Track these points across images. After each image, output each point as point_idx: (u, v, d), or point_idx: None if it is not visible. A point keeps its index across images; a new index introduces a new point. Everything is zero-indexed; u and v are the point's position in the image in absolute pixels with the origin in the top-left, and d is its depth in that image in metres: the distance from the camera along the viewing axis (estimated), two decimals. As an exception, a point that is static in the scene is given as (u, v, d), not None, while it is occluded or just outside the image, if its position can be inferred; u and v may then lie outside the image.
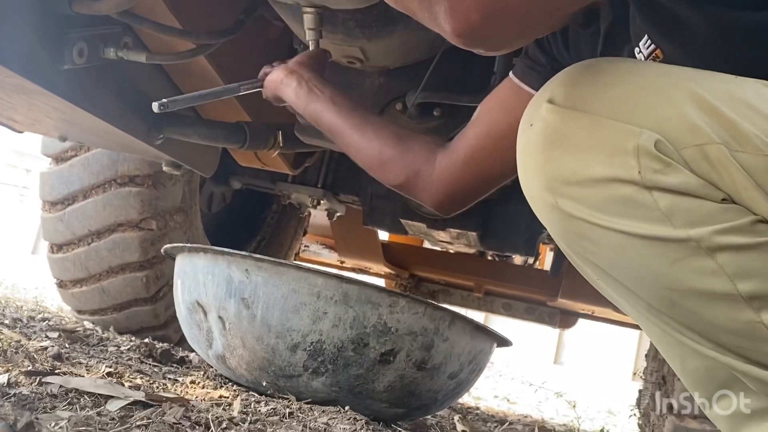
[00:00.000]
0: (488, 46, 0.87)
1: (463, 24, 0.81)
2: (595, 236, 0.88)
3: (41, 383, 1.37)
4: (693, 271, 0.83)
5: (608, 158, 0.84)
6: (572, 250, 0.94)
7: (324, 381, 1.79)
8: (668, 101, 0.85)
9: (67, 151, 2.71)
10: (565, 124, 0.88)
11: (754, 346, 0.84)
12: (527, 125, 0.93)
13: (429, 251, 4.87)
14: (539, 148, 0.90)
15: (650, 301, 0.89)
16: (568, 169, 0.87)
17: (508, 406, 5.23)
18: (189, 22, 1.89)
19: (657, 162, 0.83)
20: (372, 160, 1.51)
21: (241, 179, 3.31)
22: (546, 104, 0.90)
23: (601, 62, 0.94)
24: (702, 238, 0.82)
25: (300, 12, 1.68)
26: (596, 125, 0.86)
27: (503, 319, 5.24)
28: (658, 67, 0.91)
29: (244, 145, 2.18)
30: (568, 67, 0.94)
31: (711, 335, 0.87)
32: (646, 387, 2.67)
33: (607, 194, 0.85)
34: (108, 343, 2.33)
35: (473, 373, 2.02)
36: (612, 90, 0.88)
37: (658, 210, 0.83)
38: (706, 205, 0.82)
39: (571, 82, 0.91)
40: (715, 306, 0.84)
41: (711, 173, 0.82)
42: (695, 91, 0.84)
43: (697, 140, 0.82)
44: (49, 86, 1.66)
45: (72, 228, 2.71)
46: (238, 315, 1.80)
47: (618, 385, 8.67)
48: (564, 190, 0.88)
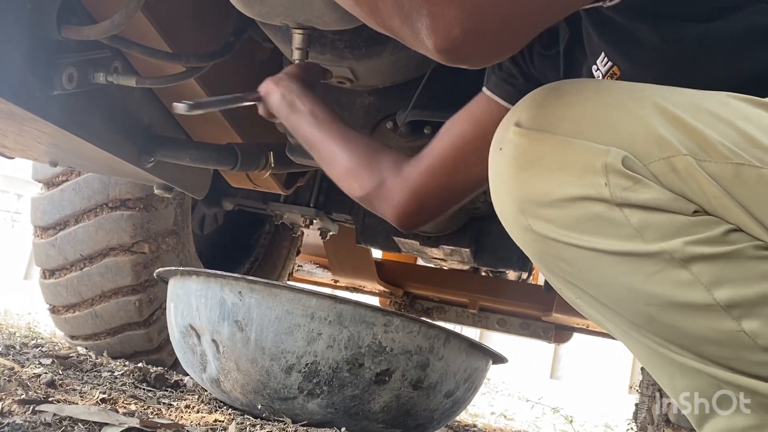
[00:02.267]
0: (471, 61, 0.87)
1: (445, 40, 0.82)
2: (569, 256, 0.88)
3: (35, 412, 1.35)
4: (669, 283, 0.83)
5: (577, 178, 0.85)
6: (549, 270, 0.95)
7: (319, 403, 1.78)
8: (633, 116, 0.85)
9: (58, 176, 2.70)
10: (534, 147, 0.89)
11: (737, 355, 0.84)
12: (497, 149, 0.94)
13: (423, 268, 4.86)
14: (510, 171, 0.91)
15: (630, 317, 0.89)
16: (539, 191, 0.88)
17: (505, 422, 5.22)
18: (178, 46, 1.90)
19: (625, 179, 0.83)
20: (340, 170, 1.49)
21: (233, 200, 3.30)
22: (513, 127, 0.91)
23: (565, 84, 0.94)
24: (675, 250, 0.82)
25: (289, 33, 1.69)
26: (564, 145, 0.87)
27: (498, 335, 5.24)
28: (622, 85, 0.92)
29: (236, 166, 2.18)
30: (534, 91, 0.95)
31: (693, 347, 0.86)
32: (642, 400, 2.66)
33: (579, 213, 0.85)
34: (102, 368, 2.32)
35: (469, 391, 2.01)
36: (577, 110, 0.89)
37: (629, 226, 0.83)
38: (677, 219, 0.83)
39: (536, 104, 0.92)
40: (695, 317, 0.84)
41: (680, 185, 0.83)
42: (660, 104, 0.85)
43: (664, 153, 0.83)
44: (39, 112, 1.66)
45: (64, 253, 2.69)
46: (231, 338, 1.79)
47: (615, 399, 8.65)
48: (536, 211, 0.89)
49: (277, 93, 1.55)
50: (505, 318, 4.58)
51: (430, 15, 0.81)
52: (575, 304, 1.00)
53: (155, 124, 2.15)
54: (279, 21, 1.62)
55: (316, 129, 1.49)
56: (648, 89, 0.89)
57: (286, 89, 1.54)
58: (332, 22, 1.59)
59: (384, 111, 2.20)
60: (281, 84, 1.55)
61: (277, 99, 1.54)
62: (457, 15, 0.80)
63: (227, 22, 2.04)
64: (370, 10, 0.91)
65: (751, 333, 0.82)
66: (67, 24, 1.65)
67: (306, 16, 1.58)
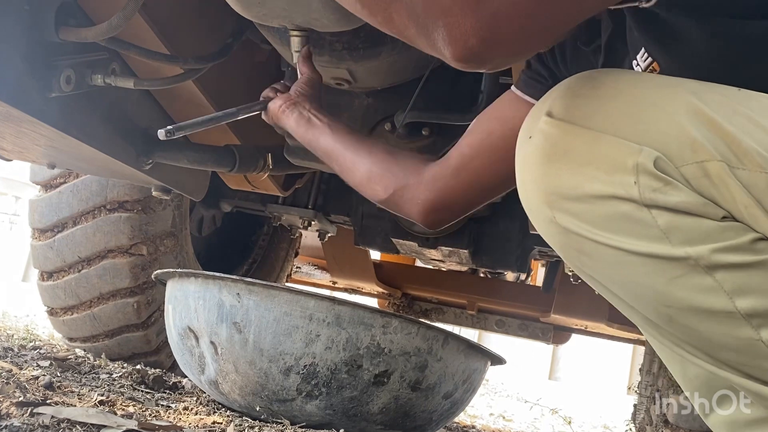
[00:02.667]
0: (489, 66, 0.86)
1: (462, 49, 0.81)
2: (592, 251, 0.88)
3: (33, 414, 1.35)
4: (691, 288, 0.83)
5: (607, 175, 0.84)
6: (570, 263, 0.94)
7: (318, 404, 1.78)
8: (668, 116, 0.84)
9: (56, 178, 2.70)
10: (564, 139, 0.88)
11: (753, 363, 0.84)
12: (526, 138, 0.93)
13: (421, 270, 4.86)
14: (538, 162, 0.90)
15: (648, 316, 0.89)
16: (567, 184, 0.87)
17: (504, 423, 5.22)
18: (176, 47, 1.90)
19: (656, 180, 0.82)
20: (362, 176, 1.51)
21: (231, 202, 3.30)
22: (545, 117, 0.90)
23: (600, 74, 0.93)
24: (701, 257, 0.81)
25: (287, 35, 1.69)
26: (595, 141, 0.86)
27: (497, 336, 5.24)
28: (658, 79, 0.90)
29: (234, 168, 2.18)
30: (567, 79, 0.94)
31: (709, 351, 0.86)
32: (640, 401, 2.66)
33: (606, 211, 0.85)
34: (100, 370, 2.31)
35: (468, 392, 2.01)
36: (611, 104, 0.87)
37: (656, 228, 0.83)
38: (705, 223, 0.82)
39: (570, 94, 0.91)
40: (714, 323, 0.83)
41: (711, 190, 0.82)
42: (696, 105, 0.84)
43: (697, 157, 0.82)
44: (37, 114, 1.66)
45: (62, 255, 2.69)
46: (230, 340, 1.79)
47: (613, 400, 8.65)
48: (562, 204, 0.88)
49: (293, 112, 1.58)
50: (503, 319, 4.58)
51: (446, 26, 0.81)
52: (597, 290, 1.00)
53: (153, 125, 2.15)
54: (277, 23, 1.62)
55: (334, 141, 1.52)
56: (684, 85, 0.87)
57: (302, 107, 1.57)
58: (330, 24, 1.59)
59: (382, 112, 2.20)
60: (296, 105, 1.58)
61: (294, 119, 1.57)
62: (473, 25, 0.79)
63: (225, 24, 2.04)
64: (384, 20, 0.91)
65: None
66: (64, 26, 1.65)
67: (304, 18, 1.58)
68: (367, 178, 1.50)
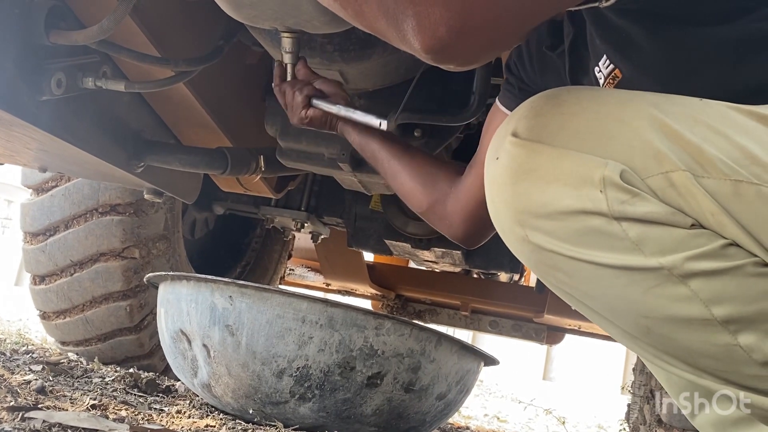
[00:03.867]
0: (458, 60, 0.86)
1: (432, 39, 0.81)
2: (566, 268, 0.88)
3: (24, 419, 1.35)
4: (667, 298, 0.83)
5: (575, 190, 0.85)
6: (546, 281, 0.95)
7: (311, 407, 1.78)
8: (631, 129, 0.85)
9: (48, 181, 2.69)
10: (531, 157, 0.88)
11: (732, 368, 0.85)
12: (493, 159, 0.93)
13: (414, 271, 4.86)
14: (506, 182, 0.90)
15: (626, 328, 0.90)
16: (537, 202, 0.87)
17: (498, 424, 5.22)
18: (167, 50, 1.89)
19: (623, 192, 0.83)
20: (401, 187, 1.54)
21: (223, 204, 3.30)
22: (510, 137, 0.90)
23: (562, 92, 0.94)
24: (674, 266, 0.82)
25: (278, 37, 1.68)
26: (561, 157, 0.86)
27: (491, 337, 5.24)
28: (619, 94, 0.91)
29: (226, 170, 2.17)
30: (530, 99, 0.95)
31: (688, 359, 0.87)
32: (634, 401, 2.67)
33: (577, 226, 0.85)
34: (93, 374, 2.31)
35: (461, 393, 2.01)
36: (575, 121, 0.88)
37: (627, 240, 0.83)
38: (675, 232, 0.82)
39: (533, 114, 0.91)
40: (691, 331, 0.84)
41: (678, 200, 0.82)
42: (657, 117, 0.84)
43: (662, 168, 0.83)
44: (28, 118, 1.65)
45: (54, 259, 2.68)
46: (222, 342, 1.79)
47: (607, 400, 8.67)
48: (533, 222, 0.88)
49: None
50: (497, 320, 4.58)
51: (415, 15, 0.81)
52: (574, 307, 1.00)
53: (145, 128, 2.14)
54: (268, 25, 1.62)
55: (381, 146, 1.55)
56: (644, 98, 0.88)
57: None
58: (321, 25, 1.59)
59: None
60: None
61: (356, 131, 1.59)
62: (443, 14, 0.80)
63: (216, 26, 2.04)
64: (355, 13, 0.91)
65: (747, 347, 0.82)
66: (55, 29, 1.64)
67: (295, 20, 1.58)
68: (405, 191, 1.53)
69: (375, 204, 3.21)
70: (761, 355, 0.82)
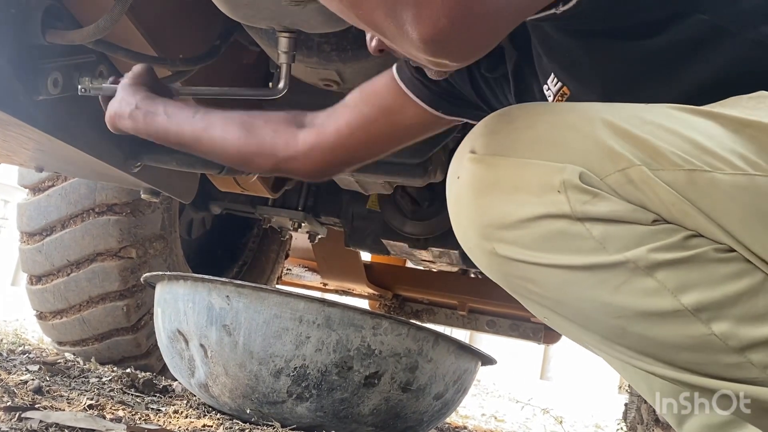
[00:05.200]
0: (456, 53, 0.86)
1: (432, 29, 0.81)
2: (535, 276, 0.89)
3: (21, 419, 1.34)
4: (636, 293, 0.84)
5: (536, 197, 0.85)
6: (516, 293, 0.95)
7: (308, 406, 1.78)
8: (583, 134, 0.86)
9: (44, 181, 2.69)
10: (490, 171, 0.89)
11: (711, 359, 0.84)
12: (454, 178, 0.94)
13: (412, 271, 4.86)
14: (469, 198, 0.91)
15: (601, 333, 0.90)
16: (500, 214, 0.88)
17: (495, 424, 5.22)
18: (164, 49, 1.89)
19: (584, 194, 0.84)
20: (235, 158, 1.47)
21: (220, 204, 3.29)
22: (469, 155, 0.91)
23: (513, 109, 0.95)
24: (638, 258, 0.83)
25: (275, 36, 1.68)
26: (520, 167, 0.87)
27: (488, 337, 5.24)
28: (567, 106, 0.93)
29: (223, 170, 2.17)
30: (484, 119, 0.96)
31: (666, 357, 0.87)
32: (631, 400, 2.67)
33: (541, 231, 0.86)
34: (90, 374, 2.30)
35: (459, 392, 2.01)
36: (529, 132, 0.89)
37: (592, 239, 0.84)
38: (637, 229, 0.83)
39: (488, 131, 0.92)
40: (665, 325, 0.84)
41: (638, 195, 0.83)
42: (608, 119, 0.86)
43: (618, 166, 0.84)
44: (24, 117, 1.65)
45: (51, 259, 2.68)
46: (219, 342, 1.79)
47: (604, 399, 8.68)
48: (498, 234, 0.89)
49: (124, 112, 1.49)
50: (494, 319, 4.58)
51: (416, 5, 0.80)
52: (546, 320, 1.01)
53: (141, 128, 2.14)
54: (265, 24, 1.62)
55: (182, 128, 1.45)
56: (592, 107, 0.90)
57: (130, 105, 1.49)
58: (318, 25, 1.59)
59: None
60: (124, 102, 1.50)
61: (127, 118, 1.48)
62: (444, 3, 0.79)
63: (213, 26, 2.04)
64: (351, 4, 0.90)
65: (722, 335, 0.82)
66: (51, 28, 1.64)
67: (292, 19, 1.58)
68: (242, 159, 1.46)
69: (372, 203, 3.21)
70: (737, 341, 0.82)
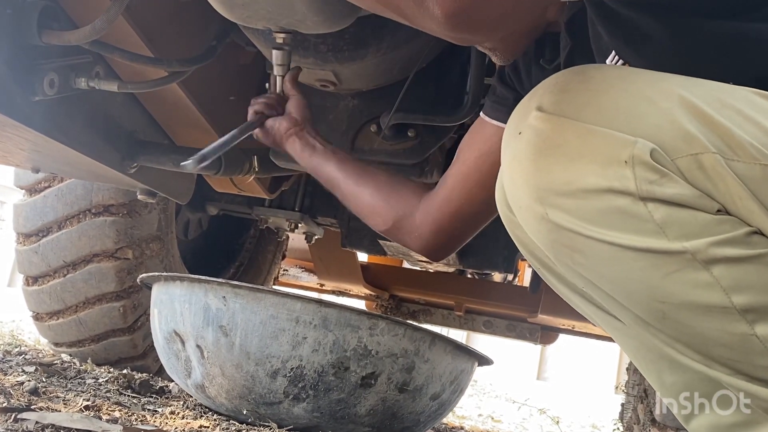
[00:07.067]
0: (476, 29, 0.85)
1: (454, 4, 0.80)
2: (585, 248, 0.86)
3: (17, 420, 1.34)
4: (687, 283, 0.82)
5: (602, 168, 0.82)
6: (560, 261, 0.92)
7: (305, 407, 1.77)
8: (659, 109, 0.83)
9: (41, 182, 2.68)
10: (557, 133, 0.86)
11: (746, 359, 0.83)
12: (515, 134, 0.91)
13: (408, 271, 4.86)
14: (529, 157, 0.88)
15: (640, 313, 0.88)
16: (560, 179, 0.85)
17: (492, 424, 5.22)
18: (160, 50, 1.89)
19: (653, 172, 0.81)
20: (363, 206, 1.56)
21: (217, 205, 3.29)
22: (535, 112, 0.88)
23: (588, 69, 0.92)
24: (698, 251, 0.80)
25: (271, 37, 1.68)
26: (589, 134, 0.84)
27: (485, 337, 5.24)
28: (646, 74, 0.89)
29: (220, 170, 2.17)
30: (554, 75, 0.92)
31: (701, 348, 0.86)
32: (628, 400, 2.67)
33: (601, 205, 0.83)
34: (86, 375, 2.30)
35: (455, 393, 2.01)
36: (603, 97, 0.86)
37: (652, 222, 0.81)
38: (701, 216, 0.81)
39: (560, 89, 0.89)
40: (709, 319, 0.83)
41: (706, 183, 0.81)
42: (687, 99, 0.83)
43: (691, 149, 0.81)
44: (20, 118, 1.65)
45: (47, 260, 2.67)
46: (216, 343, 1.79)
47: (601, 400, 8.69)
48: (555, 200, 0.86)
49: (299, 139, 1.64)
50: (491, 320, 4.59)
51: None
52: (569, 299, 0.99)
53: (138, 129, 2.14)
54: (261, 24, 1.62)
55: (338, 169, 1.59)
56: (671, 80, 0.86)
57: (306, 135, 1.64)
58: (315, 25, 1.59)
59: (368, 114, 2.20)
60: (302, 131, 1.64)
61: (299, 144, 1.63)
62: None
63: (210, 26, 2.04)
64: None
65: (763, 338, 0.81)
66: (47, 29, 1.64)
67: (288, 20, 1.58)
68: (368, 209, 1.56)
69: (369, 204, 3.20)
70: None
